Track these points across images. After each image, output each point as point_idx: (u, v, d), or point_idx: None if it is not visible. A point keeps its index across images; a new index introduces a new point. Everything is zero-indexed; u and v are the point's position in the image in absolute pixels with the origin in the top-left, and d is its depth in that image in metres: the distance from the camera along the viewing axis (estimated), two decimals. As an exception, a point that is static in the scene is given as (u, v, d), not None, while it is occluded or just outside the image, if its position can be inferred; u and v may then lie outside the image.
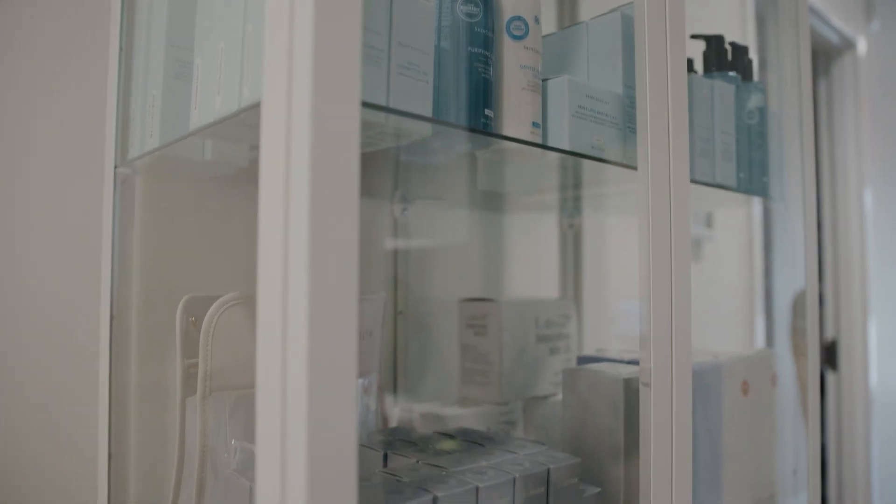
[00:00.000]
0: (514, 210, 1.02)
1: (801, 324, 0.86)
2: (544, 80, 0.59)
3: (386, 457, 0.58)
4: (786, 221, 0.87)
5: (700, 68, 0.83)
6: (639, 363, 0.59)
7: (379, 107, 0.45)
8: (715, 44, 0.81)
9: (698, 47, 0.83)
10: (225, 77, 0.48)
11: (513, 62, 0.55)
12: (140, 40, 0.64)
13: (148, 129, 0.59)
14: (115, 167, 0.66)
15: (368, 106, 0.44)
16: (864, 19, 2.27)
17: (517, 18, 0.55)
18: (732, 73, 0.80)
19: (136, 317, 0.68)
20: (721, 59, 0.81)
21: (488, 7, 0.54)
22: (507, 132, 0.55)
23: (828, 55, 2.20)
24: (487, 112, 0.53)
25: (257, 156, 0.38)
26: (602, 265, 1.13)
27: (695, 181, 0.71)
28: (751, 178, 0.80)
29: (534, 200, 1.03)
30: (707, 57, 0.82)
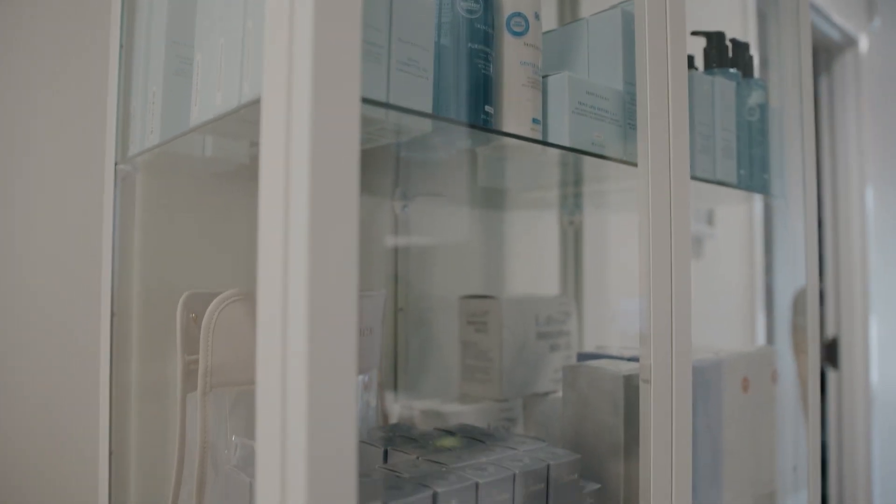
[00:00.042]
0: (515, 207, 1.02)
1: (802, 321, 0.86)
2: (544, 76, 0.59)
3: (386, 453, 0.58)
4: (786, 218, 0.87)
5: (701, 65, 0.83)
6: (639, 360, 0.59)
7: (379, 103, 0.45)
8: (716, 40, 0.81)
9: (699, 44, 0.83)
10: (225, 73, 0.48)
11: (513, 59, 0.55)
12: (140, 37, 0.64)
13: (148, 126, 0.59)
14: (116, 164, 0.66)
15: (368, 102, 0.44)
16: (866, 17, 2.27)
17: (517, 15, 0.55)
18: (733, 70, 0.80)
19: (137, 314, 0.68)
20: (722, 55, 0.81)
21: (488, 3, 0.54)
22: (508, 128, 0.55)
23: (829, 52, 2.19)
24: (487, 108, 0.53)
25: (257, 152, 0.38)
26: (602, 262, 1.13)
27: (695, 178, 0.71)
28: (751, 174, 0.80)
29: (534, 197, 1.03)
30: (708, 54, 0.82)
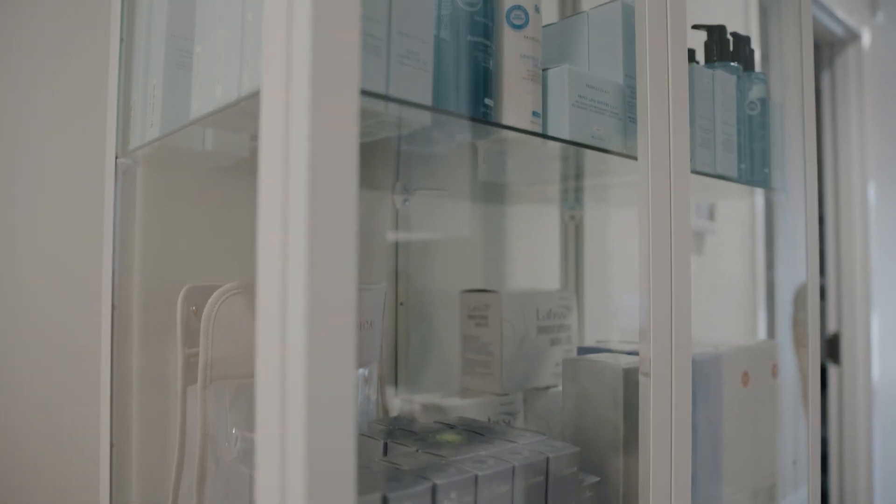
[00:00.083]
0: (515, 201, 1.02)
1: (803, 316, 0.86)
2: (545, 69, 0.59)
3: (386, 446, 0.58)
4: (787, 213, 0.87)
5: (702, 59, 0.83)
6: (639, 354, 0.59)
7: (378, 95, 0.45)
8: (716, 34, 0.81)
9: (700, 38, 0.82)
10: (225, 66, 0.48)
11: (513, 51, 0.55)
12: (141, 30, 0.64)
13: (149, 120, 0.59)
14: (116, 158, 0.66)
15: (368, 94, 0.44)
16: (869, 11, 2.26)
17: (517, 8, 0.55)
18: (734, 64, 0.79)
19: (138, 307, 0.68)
20: (723, 49, 0.81)
21: (488, -4, 0.53)
22: (507, 122, 0.55)
23: (831, 47, 2.19)
24: (487, 101, 0.53)
25: (258, 146, 0.38)
26: (603, 257, 1.13)
27: (695, 172, 0.71)
28: (752, 169, 0.80)
29: (535, 192, 1.03)
30: (708, 47, 0.82)
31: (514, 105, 0.55)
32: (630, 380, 0.63)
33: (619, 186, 0.89)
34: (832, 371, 2.18)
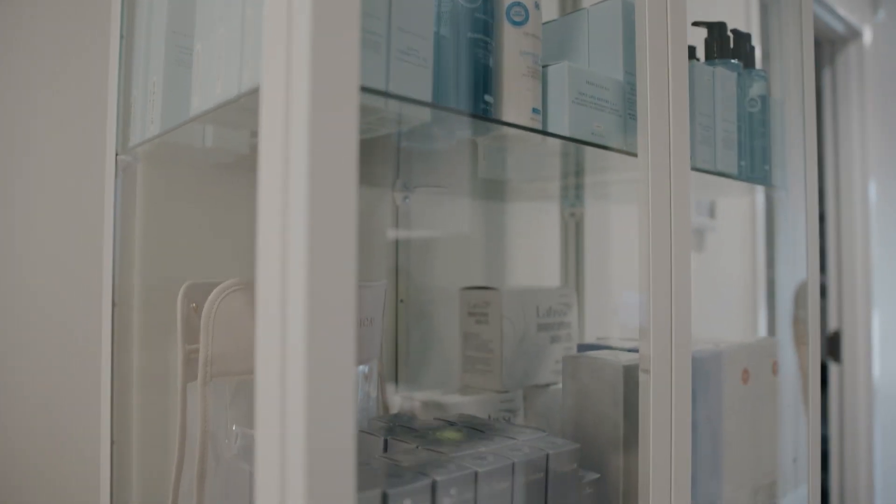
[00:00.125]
0: (516, 198, 1.02)
1: (804, 314, 0.86)
2: (545, 66, 0.59)
3: (386, 443, 0.59)
4: (788, 211, 0.87)
5: (703, 56, 0.83)
6: (639, 350, 0.59)
7: (378, 91, 0.45)
8: (717, 31, 0.81)
9: (701, 35, 0.82)
10: (225, 63, 0.48)
11: (513, 48, 0.55)
12: (141, 28, 0.64)
13: (149, 117, 0.59)
14: (117, 155, 0.66)
15: (367, 91, 0.44)
16: (870, 9, 2.25)
17: (517, 4, 0.55)
18: (734, 61, 0.79)
19: (138, 304, 0.68)
20: (723, 46, 0.81)
21: (488, -7, 0.53)
22: (507, 118, 0.55)
23: (833, 45, 2.18)
24: (487, 98, 0.53)
25: (257, 143, 0.38)
26: (603, 254, 1.13)
27: (695, 169, 0.71)
28: (752, 166, 0.80)
29: (535, 189, 1.03)
30: (709, 44, 0.82)
31: (514, 102, 0.55)
32: (630, 377, 0.63)
33: (619, 183, 0.89)
34: (833, 369, 2.18)
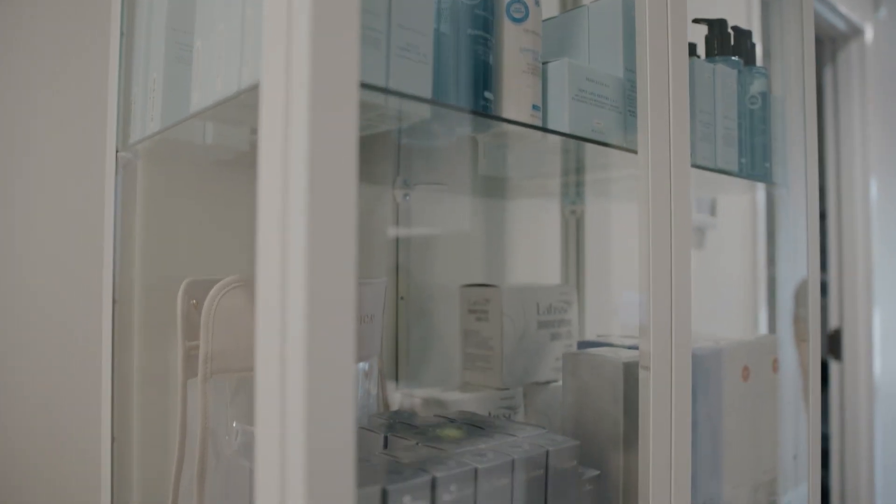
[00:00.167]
0: (516, 196, 1.02)
1: (804, 312, 0.86)
2: (544, 63, 0.59)
3: (386, 440, 0.59)
4: (788, 208, 0.87)
5: (703, 54, 0.82)
6: (639, 347, 0.59)
7: (378, 88, 0.45)
8: (717, 28, 0.81)
9: (702, 32, 0.82)
10: (225, 59, 0.48)
11: (513, 45, 0.55)
12: (141, 24, 0.64)
13: (149, 113, 0.59)
14: (117, 152, 0.66)
15: (367, 87, 0.44)
16: (872, 6, 2.25)
17: (517, 1, 0.55)
18: (735, 58, 0.79)
19: (139, 301, 0.68)
20: (724, 43, 0.81)
21: (488, -11, 0.53)
22: (507, 115, 0.55)
23: (834, 42, 2.18)
24: (487, 95, 0.53)
25: (257, 140, 0.38)
26: (604, 251, 1.13)
27: (696, 166, 0.71)
28: (753, 163, 0.80)
29: (535, 186, 1.03)
30: (709, 41, 0.81)
31: (514, 98, 0.55)
32: (630, 374, 0.63)
33: (619, 181, 0.89)
34: (834, 367, 2.17)
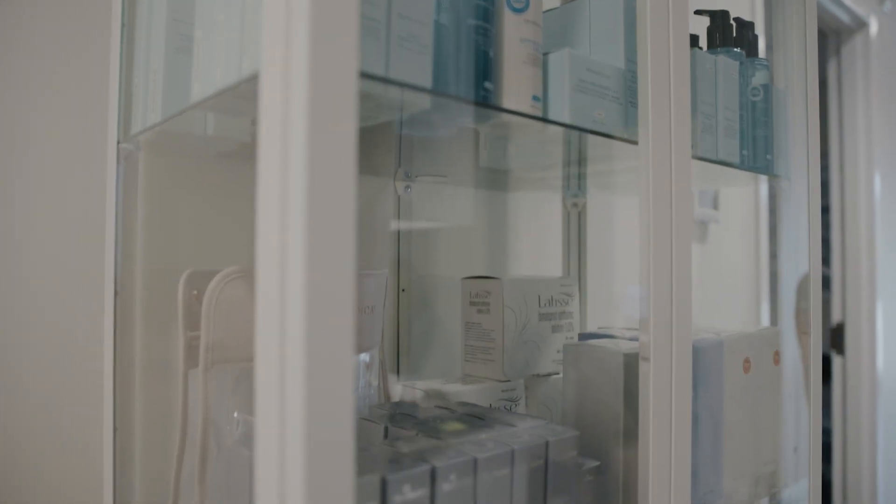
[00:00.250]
0: (518, 188, 1.02)
1: (806, 305, 0.86)
2: (545, 54, 0.58)
3: (386, 430, 0.59)
4: (791, 202, 0.86)
5: (705, 46, 0.82)
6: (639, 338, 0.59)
7: (377, 77, 0.45)
8: (719, 19, 0.80)
9: (704, 23, 0.82)
10: (225, 49, 0.48)
11: (513, 35, 0.55)
12: (142, 14, 0.64)
13: (150, 104, 0.59)
14: (118, 143, 0.67)
15: (367, 77, 0.44)
16: (877, -1, 2.24)
17: (518, -9, 0.55)
18: (737, 50, 0.79)
19: (140, 292, 0.69)
20: (725, 35, 0.80)
21: (489, -21, 0.53)
22: (507, 106, 0.54)
23: (838, 35, 2.17)
24: (487, 85, 0.53)
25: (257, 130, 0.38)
26: (605, 244, 1.13)
27: (697, 157, 0.71)
28: (754, 155, 0.80)
29: (537, 178, 1.03)
30: (711, 33, 0.81)
31: (514, 89, 0.55)
32: (631, 365, 0.63)
33: (621, 173, 0.89)
34: (836, 361, 2.17)
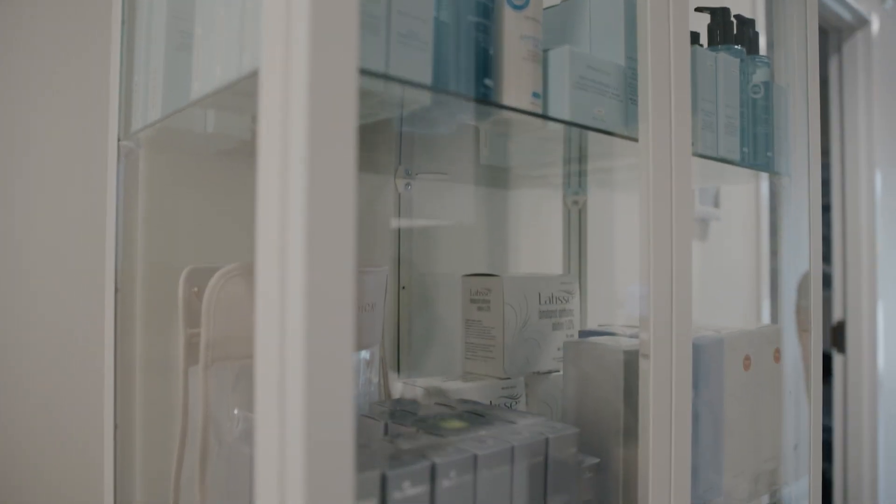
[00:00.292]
0: (518, 186, 1.02)
1: (807, 303, 0.85)
2: (545, 50, 0.58)
3: (387, 427, 0.59)
4: (791, 200, 0.86)
5: (706, 43, 0.82)
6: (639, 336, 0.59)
7: (376, 74, 0.45)
8: (720, 16, 0.80)
9: (704, 20, 0.82)
10: (224, 46, 0.48)
11: (513, 32, 0.55)
12: (143, 12, 0.64)
13: (151, 102, 0.59)
14: (119, 140, 0.67)
15: (366, 73, 0.44)
16: (878, -3, 2.24)
17: (518, -12, 0.55)
18: (738, 47, 0.79)
19: (140, 289, 0.69)
20: (726, 32, 0.80)
21: (488, -24, 0.53)
22: (507, 103, 0.54)
23: (840, 33, 2.17)
24: (487, 82, 0.53)
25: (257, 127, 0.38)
26: (605, 242, 1.13)
27: (697, 154, 0.71)
28: (755, 152, 0.80)
29: (537, 176, 1.03)
30: (712, 30, 0.81)
31: (514, 86, 0.55)
32: (631, 362, 0.63)
33: (621, 170, 0.89)
34: (837, 359, 2.17)
